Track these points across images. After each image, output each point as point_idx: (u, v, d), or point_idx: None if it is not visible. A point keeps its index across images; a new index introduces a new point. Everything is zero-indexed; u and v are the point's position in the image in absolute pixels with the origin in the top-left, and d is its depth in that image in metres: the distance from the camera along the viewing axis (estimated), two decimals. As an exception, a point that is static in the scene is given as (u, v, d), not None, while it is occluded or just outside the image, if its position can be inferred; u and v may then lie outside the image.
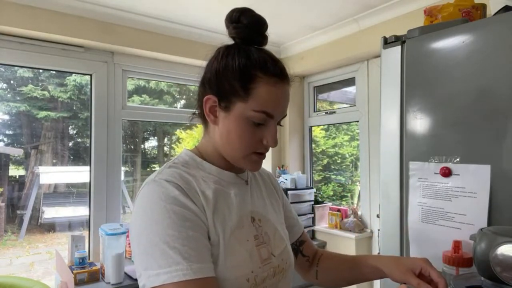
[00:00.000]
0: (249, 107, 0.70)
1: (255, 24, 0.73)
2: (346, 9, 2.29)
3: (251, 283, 0.69)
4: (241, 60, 0.70)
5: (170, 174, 0.70)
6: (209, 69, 0.74)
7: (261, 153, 0.75)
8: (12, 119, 3.88)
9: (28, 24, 1.99)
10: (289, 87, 0.75)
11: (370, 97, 2.62)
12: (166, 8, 2.21)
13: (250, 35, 0.73)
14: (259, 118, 0.70)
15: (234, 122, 0.71)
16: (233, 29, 0.73)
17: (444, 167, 1.05)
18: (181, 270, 0.59)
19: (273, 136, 0.72)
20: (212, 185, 0.73)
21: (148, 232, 0.63)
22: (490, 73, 0.98)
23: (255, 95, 0.69)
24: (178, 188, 0.67)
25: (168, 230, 0.61)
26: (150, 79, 2.80)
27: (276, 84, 0.71)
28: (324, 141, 3.49)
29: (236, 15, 0.73)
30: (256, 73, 0.69)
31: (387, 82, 1.23)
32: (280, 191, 0.96)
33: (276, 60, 0.73)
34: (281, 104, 0.73)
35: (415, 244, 1.13)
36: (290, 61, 3.06)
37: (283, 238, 0.82)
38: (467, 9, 1.15)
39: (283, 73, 0.73)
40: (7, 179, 3.90)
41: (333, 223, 2.77)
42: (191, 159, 0.77)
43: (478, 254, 0.77)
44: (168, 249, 0.60)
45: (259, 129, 0.72)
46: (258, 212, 0.79)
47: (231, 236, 0.70)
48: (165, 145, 3.95)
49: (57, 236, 4.13)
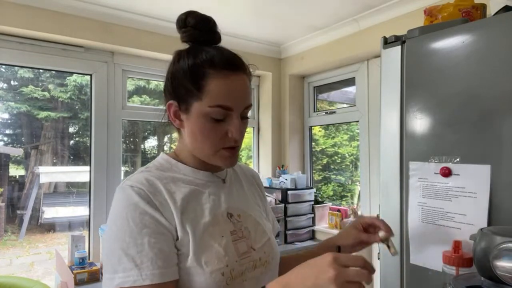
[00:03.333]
0: (205, 104, 0.71)
1: (200, 24, 0.76)
2: (346, 9, 2.29)
3: (226, 276, 0.71)
4: (190, 60, 0.73)
5: (137, 179, 0.72)
6: (166, 76, 0.78)
7: (231, 148, 0.76)
8: (12, 119, 3.89)
9: (28, 24, 1.99)
10: (246, 77, 0.75)
11: (370, 97, 2.62)
12: (166, 8, 2.21)
13: (199, 35, 0.75)
14: (217, 113, 0.71)
15: (196, 122, 0.73)
16: (183, 33, 0.77)
17: (444, 167, 1.05)
18: (132, 276, 0.63)
19: (237, 128, 0.73)
20: (184, 186, 0.76)
21: (110, 238, 0.68)
22: (490, 73, 0.98)
23: (208, 91, 0.71)
24: (140, 194, 0.69)
25: (125, 237, 0.66)
26: (150, 79, 2.80)
27: (227, 76, 0.71)
28: (324, 140, 3.49)
29: (182, 18, 0.76)
30: (205, 70, 0.71)
31: (387, 82, 1.23)
32: (263, 191, 0.99)
33: (225, 53, 0.74)
34: (236, 95, 0.73)
35: (415, 244, 1.13)
36: (290, 61, 3.06)
37: (266, 232, 0.85)
38: (467, 9, 1.15)
39: (234, 64, 0.73)
40: (7, 179, 3.90)
41: (333, 223, 2.77)
42: (166, 162, 0.80)
43: (478, 254, 0.77)
44: (124, 255, 0.65)
45: (222, 124, 0.73)
46: (237, 208, 0.82)
47: (204, 233, 0.72)
48: (165, 145, 3.95)
49: (57, 236, 4.13)
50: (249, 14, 2.34)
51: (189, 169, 0.79)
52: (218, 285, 0.69)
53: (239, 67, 0.74)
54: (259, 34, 2.76)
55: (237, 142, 0.75)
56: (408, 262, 1.14)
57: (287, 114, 3.09)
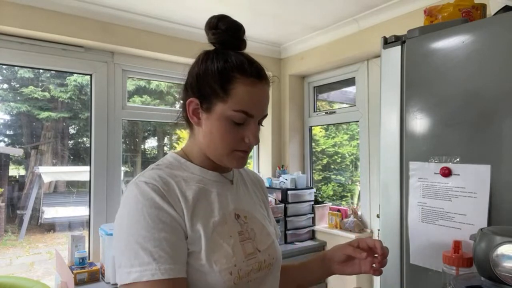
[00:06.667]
0: (229, 107, 0.73)
1: (232, 29, 0.77)
2: (346, 9, 2.29)
3: (234, 276, 0.72)
4: (220, 63, 0.74)
5: (150, 176, 0.73)
6: (191, 73, 0.79)
7: (244, 151, 0.78)
8: (12, 119, 3.88)
9: (28, 24, 1.99)
10: (268, 87, 0.79)
11: (370, 97, 2.62)
12: (166, 8, 2.21)
13: (228, 40, 0.77)
14: (239, 118, 0.74)
15: (216, 122, 0.75)
16: (212, 35, 0.77)
17: (444, 167, 1.05)
18: (149, 270, 0.63)
19: (254, 134, 0.76)
20: (194, 185, 0.77)
21: (125, 232, 0.67)
22: (490, 73, 0.98)
23: (234, 95, 0.73)
24: (155, 190, 0.70)
25: (142, 232, 0.66)
26: (150, 79, 2.80)
27: (253, 84, 0.74)
28: (324, 140, 3.49)
29: (214, 21, 0.77)
30: (234, 75, 0.73)
31: (387, 82, 1.23)
32: (267, 196, 1.00)
33: (254, 62, 0.77)
34: (259, 104, 0.76)
35: (415, 244, 1.13)
36: (290, 61, 3.06)
37: (270, 235, 0.86)
38: (467, 9, 1.15)
39: (261, 73, 0.76)
40: (7, 179, 3.90)
41: (333, 223, 2.77)
42: (175, 160, 0.81)
43: (478, 254, 0.77)
44: (140, 249, 0.64)
45: (240, 128, 0.75)
46: (243, 210, 0.83)
47: (214, 232, 0.73)
48: (165, 145, 3.94)
49: (57, 236, 4.13)
50: (249, 14, 2.34)
51: (198, 168, 0.80)
52: (226, 284, 0.70)
53: (264, 77, 0.77)
54: (259, 34, 2.76)
55: (250, 147, 0.78)
56: (408, 262, 1.14)
57: (287, 114, 3.09)
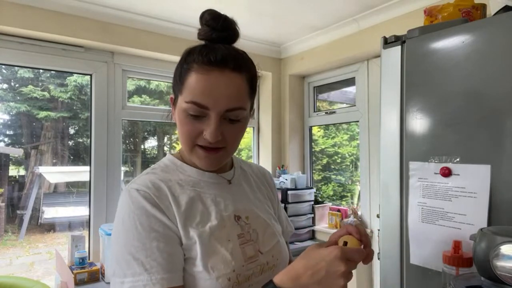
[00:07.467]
0: (183, 99, 0.68)
1: (212, 21, 0.71)
2: (346, 9, 2.29)
3: (232, 281, 0.69)
4: (184, 55, 0.71)
5: (142, 182, 0.71)
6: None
7: (206, 148, 0.70)
8: (12, 119, 3.88)
9: (28, 24, 1.99)
10: (239, 76, 0.68)
11: (370, 97, 2.62)
12: (166, 8, 2.21)
13: (211, 33, 0.71)
14: (192, 110, 0.67)
15: (177, 115, 0.73)
16: (198, 31, 0.74)
17: (444, 167, 1.05)
18: (141, 281, 0.63)
19: (212, 129, 0.67)
20: (189, 189, 0.74)
21: (118, 242, 0.67)
22: (490, 73, 0.98)
23: (187, 85, 0.68)
24: (147, 198, 0.68)
25: (134, 242, 0.65)
26: (150, 79, 2.80)
27: (208, 72, 0.66)
28: (324, 140, 3.49)
29: (201, 16, 0.73)
30: (191, 65, 0.68)
31: (387, 82, 1.23)
32: (274, 191, 0.96)
33: (219, 49, 0.67)
34: (213, 93, 0.66)
35: (415, 244, 1.13)
36: (290, 61, 3.06)
37: (275, 234, 0.83)
38: (467, 9, 1.15)
39: (222, 60, 0.66)
40: (7, 179, 3.90)
41: (333, 223, 2.77)
42: (171, 163, 0.79)
43: (478, 254, 0.77)
44: (133, 260, 0.64)
45: (200, 122, 0.68)
46: (244, 210, 0.79)
47: (211, 237, 0.70)
48: (165, 145, 3.94)
49: (57, 236, 4.13)
50: (249, 14, 2.33)
51: (194, 170, 0.77)
52: None
53: (226, 64, 0.66)
54: (259, 34, 2.76)
55: (211, 143, 0.69)
56: (408, 262, 1.14)
57: (287, 114, 3.09)
